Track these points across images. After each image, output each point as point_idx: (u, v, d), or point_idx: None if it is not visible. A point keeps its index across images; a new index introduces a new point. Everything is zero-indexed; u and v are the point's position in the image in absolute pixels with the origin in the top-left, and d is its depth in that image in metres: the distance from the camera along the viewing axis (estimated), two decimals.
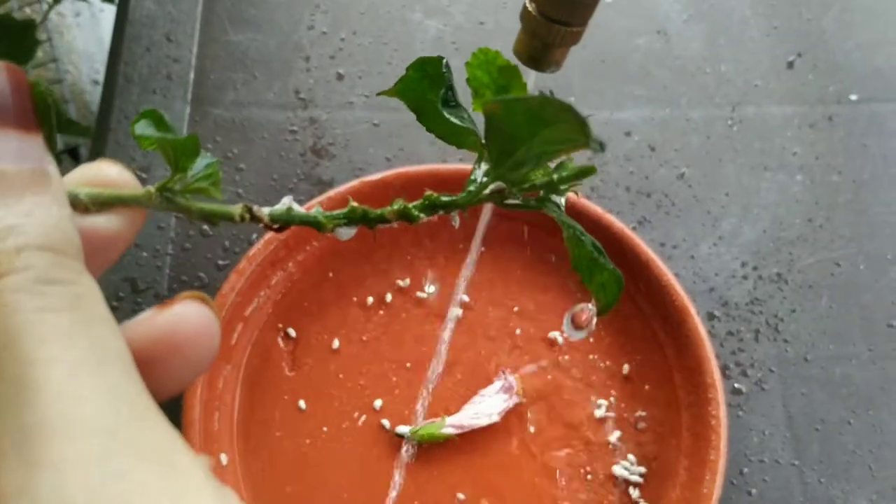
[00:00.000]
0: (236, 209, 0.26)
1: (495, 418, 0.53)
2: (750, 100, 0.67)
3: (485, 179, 0.25)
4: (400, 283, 0.58)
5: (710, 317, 0.59)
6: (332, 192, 0.57)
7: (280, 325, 0.56)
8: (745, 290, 0.60)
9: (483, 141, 0.25)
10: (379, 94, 0.28)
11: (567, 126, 0.21)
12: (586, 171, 0.25)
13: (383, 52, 0.68)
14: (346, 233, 0.28)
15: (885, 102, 0.68)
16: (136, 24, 0.67)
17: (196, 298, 0.24)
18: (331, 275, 0.58)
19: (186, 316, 0.24)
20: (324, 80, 0.66)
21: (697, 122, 0.66)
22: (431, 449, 0.53)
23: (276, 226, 0.27)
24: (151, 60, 0.66)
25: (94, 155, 0.63)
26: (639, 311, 0.57)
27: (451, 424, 0.53)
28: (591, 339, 0.57)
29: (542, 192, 0.25)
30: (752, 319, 0.59)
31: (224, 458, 0.51)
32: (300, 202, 0.59)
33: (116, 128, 0.63)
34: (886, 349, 0.58)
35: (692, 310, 0.54)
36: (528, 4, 0.27)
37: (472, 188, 0.26)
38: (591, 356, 0.57)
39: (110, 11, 0.68)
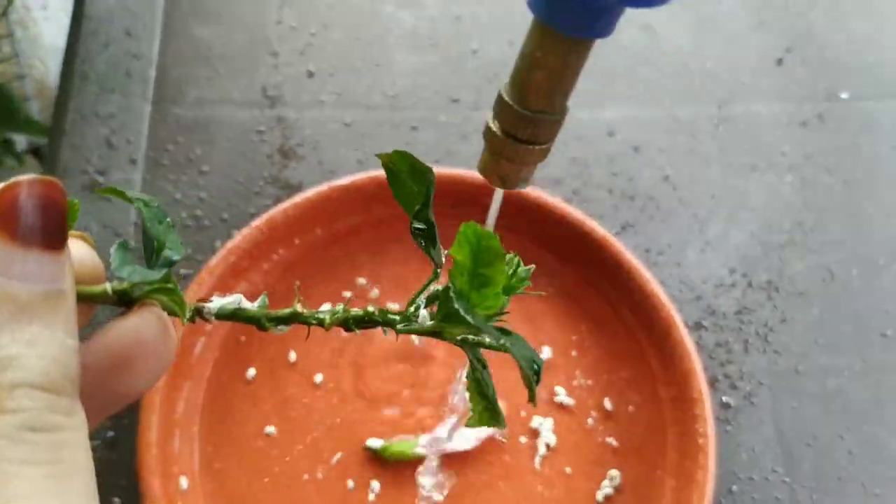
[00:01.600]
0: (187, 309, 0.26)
1: (473, 443, 0.50)
2: (737, 98, 0.65)
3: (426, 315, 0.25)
4: (370, 293, 0.55)
5: (698, 326, 0.56)
6: (298, 198, 0.54)
7: (243, 338, 0.53)
8: (733, 298, 0.57)
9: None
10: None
11: None
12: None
13: (355, 47, 0.65)
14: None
15: (876, 100, 0.65)
16: (93, 19, 0.64)
17: (151, 305, 0.25)
18: (298, 283, 0.55)
19: (144, 326, 0.24)
20: (293, 77, 0.63)
21: (683, 121, 0.63)
22: (400, 466, 0.50)
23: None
24: (110, 57, 0.63)
25: (51, 157, 0.60)
26: (622, 323, 0.54)
27: (424, 444, 0.50)
28: (574, 353, 0.54)
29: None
30: (741, 329, 0.56)
31: (184, 482, 0.48)
32: (266, 207, 0.56)
33: (72, 130, 0.59)
34: (881, 360, 0.56)
35: (678, 321, 0.52)
36: (490, 123, 0.25)
37: (411, 320, 0.26)
38: (576, 371, 0.54)
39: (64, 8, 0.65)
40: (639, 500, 0.50)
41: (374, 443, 0.50)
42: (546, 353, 0.54)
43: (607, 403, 0.53)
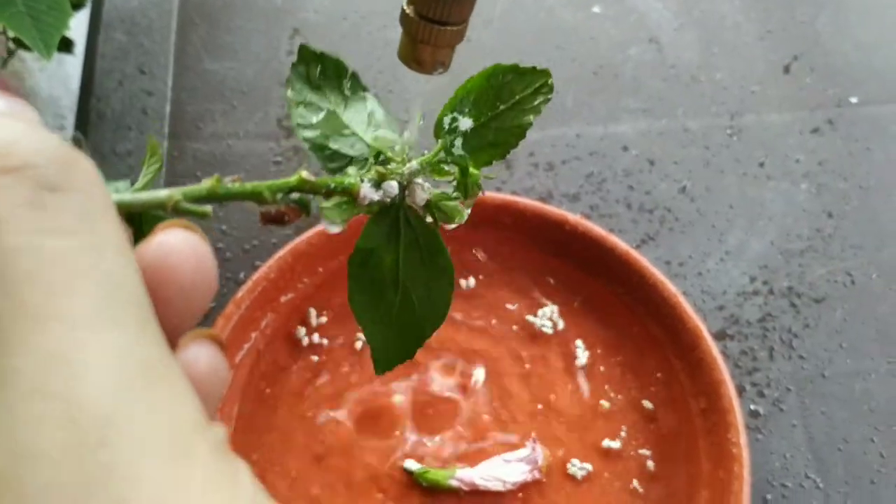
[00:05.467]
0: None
1: (509, 486, 0.50)
2: (748, 107, 0.65)
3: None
4: None
5: (722, 336, 0.57)
6: (320, 227, 0.54)
7: (268, 391, 0.53)
8: (756, 306, 0.58)
9: None
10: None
11: None
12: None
13: (366, 75, 0.65)
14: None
15: (886, 104, 0.66)
16: (107, 58, 0.64)
17: (178, 226, 0.21)
18: (325, 312, 0.55)
19: (172, 243, 0.21)
20: None
21: (696, 132, 0.64)
22: (437, 494, 0.50)
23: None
24: (125, 95, 0.63)
25: None
26: (649, 335, 0.54)
27: (459, 478, 0.50)
28: (602, 368, 0.54)
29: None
30: (766, 336, 0.57)
31: None
32: (287, 237, 0.57)
33: None
34: None
35: (704, 331, 0.52)
36: (405, 6, 0.26)
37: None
38: (605, 386, 0.54)
39: (76, 52, 0.66)
40: None
41: (411, 465, 0.50)
42: (582, 357, 0.54)
43: (640, 414, 0.53)
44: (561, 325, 0.56)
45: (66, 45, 0.77)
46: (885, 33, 0.69)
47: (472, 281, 0.57)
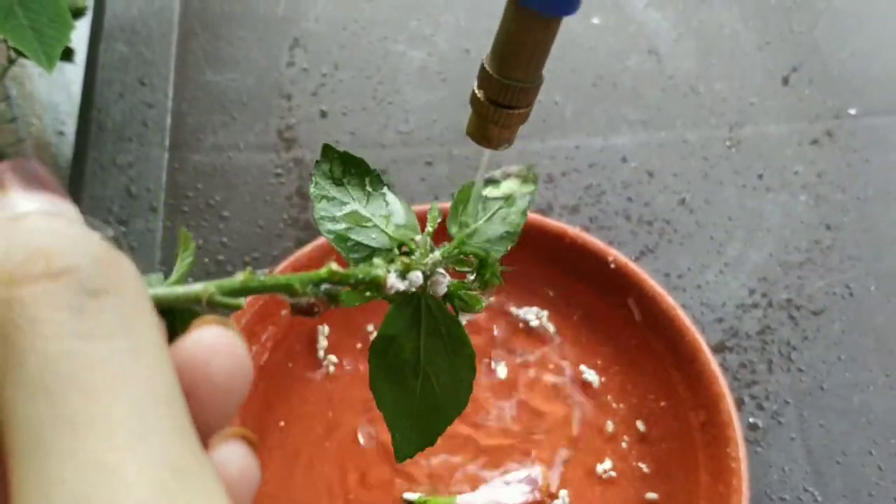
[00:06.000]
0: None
1: None
2: (747, 118, 0.65)
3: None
4: None
5: (721, 348, 0.57)
6: (321, 239, 0.54)
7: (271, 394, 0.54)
8: (754, 318, 0.58)
9: None
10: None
11: None
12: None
13: (367, 86, 0.65)
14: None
15: (884, 115, 0.66)
16: (107, 69, 0.65)
17: (214, 323, 0.21)
18: (326, 326, 0.56)
19: (208, 341, 0.20)
20: (307, 119, 0.64)
21: (694, 144, 0.64)
22: None
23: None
24: (125, 106, 0.63)
25: None
26: (648, 348, 0.55)
27: None
28: (603, 379, 0.55)
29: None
30: (765, 349, 0.57)
31: None
32: (288, 249, 0.57)
33: (92, 180, 0.60)
34: None
35: (703, 344, 0.52)
36: (476, 90, 0.29)
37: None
38: (606, 397, 0.54)
39: (77, 61, 0.66)
40: None
41: (410, 496, 0.51)
42: (581, 371, 0.55)
43: (639, 427, 0.53)
44: (559, 339, 0.56)
45: (66, 55, 0.77)
46: (882, 44, 0.70)
47: None
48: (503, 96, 0.28)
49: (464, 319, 0.30)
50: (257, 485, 0.22)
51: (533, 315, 0.56)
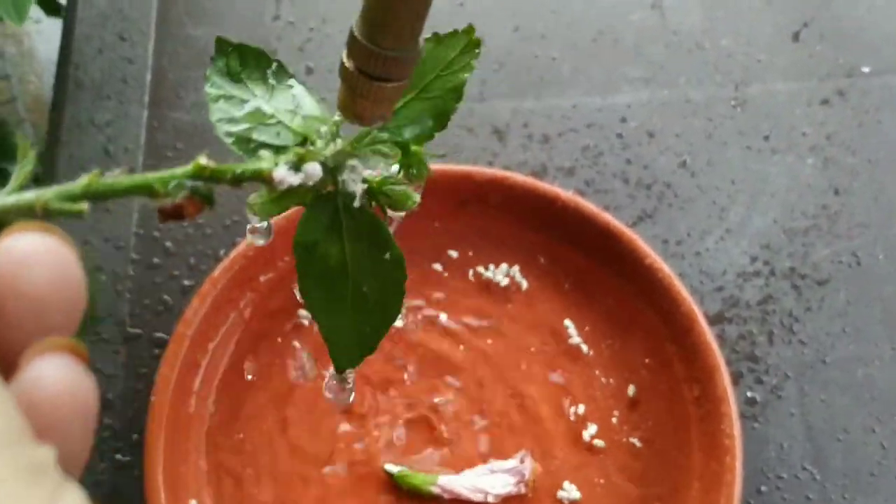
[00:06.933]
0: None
1: (490, 500, 0.48)
2: (754, 76, 0.62)
3: None
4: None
5: (720, 318, 0.54)
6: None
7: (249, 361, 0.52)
8: (756, 287, 0.55)
9: None
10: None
11: None
12: None
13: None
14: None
15: None
16: (86, 24, 0.62)
17: (32, 228, 0.18)
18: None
19: (21, 247, 0.18)
20: None
21: (698, 103, 0.61)
22: (417, 500, 0.49)
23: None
24: (104, 63, 0.61)
25: (49, 168, 0.58)
26: (641, 318, 0.52)
27: (441, 485, 0.48)
28: (591, 353, 0.52)
29: None
30: (766, 320, 0.54)
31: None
32: None
33: (68, 139, 0.58)
34: None
35: (700, 315, 0.50)
36: (345, 61, 0.25)
37: None
38: (595, 371, 0.52)
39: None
40: (662, 503, 0.49)
41: (392, 468, 0.49)
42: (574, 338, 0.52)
43: (630, 398, 0.51)
44: (548, 306, 0.54)
45: (54, 9, 0.74)
46: None
47: (455, 255, 0.54)
48: (374, 67, 0.25)
49: (396, 216, 0.28)
50: (93, 402, 0.19)
51: (516, 278, 0.54)
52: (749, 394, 0.52)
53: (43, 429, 0.17)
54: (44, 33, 0.92)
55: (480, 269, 0.54)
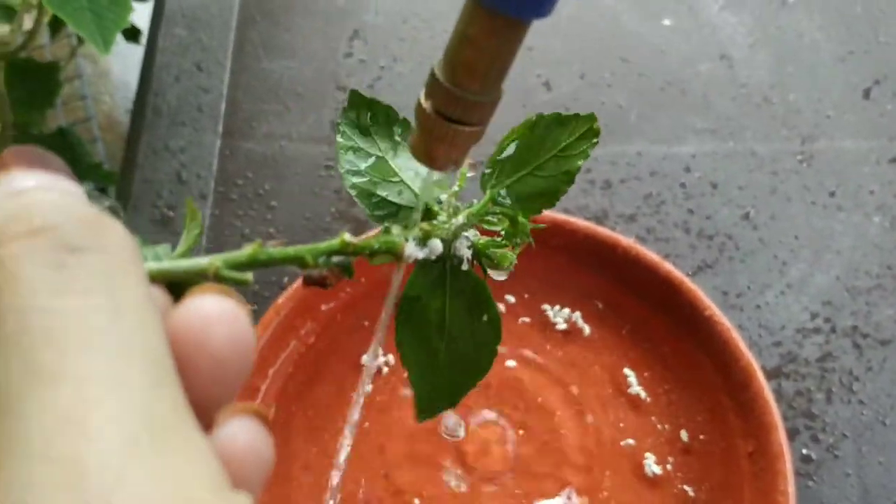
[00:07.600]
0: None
1: None
2: (822, 132, 0.62)
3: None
4: None
5: (777, 374, 0.54)
6: (366, 236, 0.53)
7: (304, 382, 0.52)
8: (816, 344, 0.55)
9: None
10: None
11: None
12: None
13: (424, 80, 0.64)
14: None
15: None
16: (165, 53, 0.64)
17: (213, 291, 0.20)
18: (366, 323, 0.54)
19: (205, 309, 0.19)
20: None
21: (764, 157, 0.61)
22: None
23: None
24: (181, 91, 0.63)
25: (123, 190, 0.60)
26: (698, 369, 0.52)
27: None
28: (649, 399, 0.52)
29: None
30: (824, 377, 0.54)
31: None
32: None
33: (144, 163, 0.60)
34: None
35: (758, 370, 0.49)
36: (422, 102, 0.25)
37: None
38: (651, 417, 0.52)
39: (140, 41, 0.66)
40: None
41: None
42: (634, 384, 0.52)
43: (684, 450, 0.51)
44: (607, 352, 0.54)
45: (133, 36, 0.77)
46: None
47: (512, 300, 0.55)
48: (453, 109, 0.25)
49: (498, 277, 0.29)
50: (271, 463, 0.21)
51: (578, 323, 0.54)
52: (804, 451, 0.52)
53: (233, 481, 0.18)
54: (119, 54, 0.95)
55: (545, 306, 0.55)
